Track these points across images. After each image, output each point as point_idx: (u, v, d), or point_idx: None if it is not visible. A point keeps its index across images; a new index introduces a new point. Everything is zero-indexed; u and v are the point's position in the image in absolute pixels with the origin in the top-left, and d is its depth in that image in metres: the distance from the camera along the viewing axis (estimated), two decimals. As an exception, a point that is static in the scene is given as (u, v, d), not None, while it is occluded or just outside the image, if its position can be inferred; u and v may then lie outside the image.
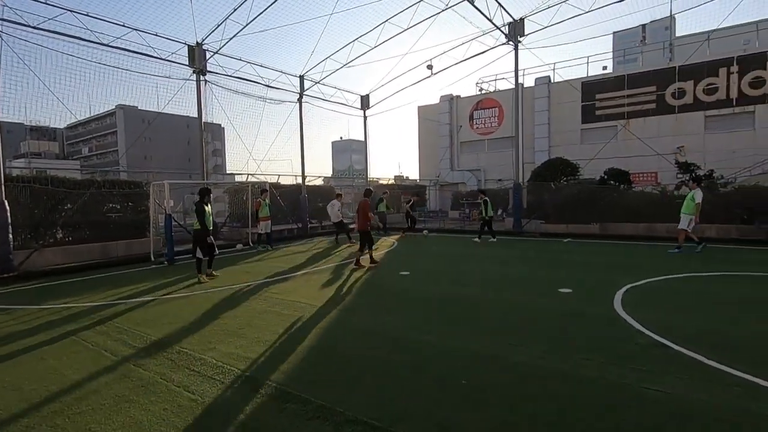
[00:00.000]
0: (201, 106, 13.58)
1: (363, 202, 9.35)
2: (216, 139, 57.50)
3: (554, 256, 10.37)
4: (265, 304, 6.34)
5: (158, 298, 6.97)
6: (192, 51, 13.26)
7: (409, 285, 7.50)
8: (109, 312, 6.09)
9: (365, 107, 20.76)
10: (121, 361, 4.21)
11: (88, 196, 11.05)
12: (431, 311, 5.78)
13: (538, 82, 27.29)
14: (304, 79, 17.59)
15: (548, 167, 16.61)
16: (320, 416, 3.02)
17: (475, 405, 3.15)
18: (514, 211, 16.18)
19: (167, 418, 3.06)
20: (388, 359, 4.08)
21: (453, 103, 30.85)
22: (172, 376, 3.80)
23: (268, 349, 4.42)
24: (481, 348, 4.29)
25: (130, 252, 11.66)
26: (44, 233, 10.55)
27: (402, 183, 31.51)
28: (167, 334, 4.99)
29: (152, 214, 11.89)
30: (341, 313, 5.79)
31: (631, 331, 4.67)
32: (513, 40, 15.51)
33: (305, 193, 17.70)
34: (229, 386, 3.55)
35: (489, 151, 29.61)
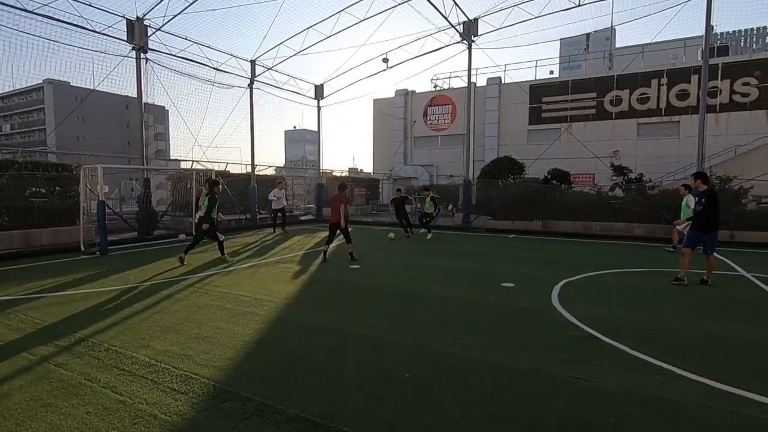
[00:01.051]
0: (141, 85, 12.66)
1: (339, 195, 9.08)
2: (159, 122, 54.18)
3: (499, 252, 10.77)
4: (207, 297, 6.07)
5: (87, 291, 6.46)
6: (131, 25, 12.30)
7: (357, 279, 7.48)
8: (29, 306, 5.56)
9: (319, 97, 20.36)
10: (39, 360, 3.85)
11: (7, 179, 9.99)
12: (376, 305, 5.80)
13: (489, 82, 28.12)
14: (256, 64, 16.94)
15: (496, 165, 17.20)
16: (260, 415, 2.93)
17: (417, 399, 3.19)
18: (463, 207, 16.63)
19: (90, 423, 2.84)
20: (331, 355, 4.04)
21: (408, 97, 31.07)
22: (98, 376, 3.53)
23: (207, 345, 4.23)
24: (424, 342, 4.35)
25: (57, 241, 10.71)
26: None
27: (356, 176, 31.36)
28: (95, 330, 4.64)
29: (83, 201, 10.98)
30: (286, 307, 5.66)
31: (565, 324, 4.94)
32: (467, 39, 15.82)
33: (254, 183, 17.12)
34: (162, 386, 3.35)
35: (441, 147, 30.17)
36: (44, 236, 10.64)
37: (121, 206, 17.14)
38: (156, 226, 13.27)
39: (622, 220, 13.67)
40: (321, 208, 19.62)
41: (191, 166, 15.98)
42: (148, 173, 14.13)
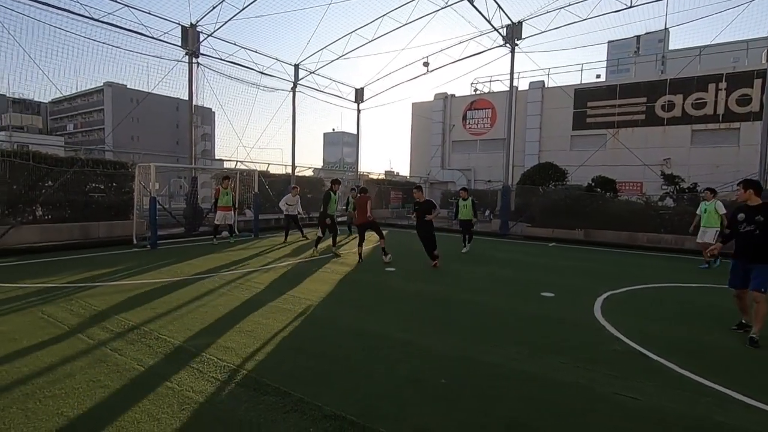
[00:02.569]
0: (192, 89, 13.32)
1: (363, 197, 9.84)
2: (206, 123, 56.63)
3: (538, 260, 10.49)
4: (248, 293, 6.29)
5: (139, 282, 6.86)
6: (185, 32, 12.98)
7: (393, 282, 7.52)
8: (87, 294, 5.98)
9: (359, 100, 20.64)
10: (97, 345, 4.14)
11: (71, 175, 10.79)
12: (411, 309, 5.81)
13: (532, 86, 27.47)
14: (299, 68, 17.40)
15: (537, 171, 16.77)
16: (298, 410, 3.01)
17: (450, 406, 3.18)
18: (501, 213, 16.32)
19: (142, 405, 3.02)
20: (366, 356, 4.09)
21: (447, 101, 30.88)
22: (150, 362, 3.75)
23: (248, 339, 4.39)
24: (459, 349, 4.32)
25: (111, 234, 11.44)
26: (23, 210, 10.28)
27: (393, 179, 31.48)
28: (146, 319, 4.92)
29: (137, 197, 11.67)
30: (324, 307, 5.78)
31: (608, 338, 4.76)
32: (510, 42, 15.55)
33: (295, 184, 17.54)
34: (207, 375, 3.52)
35: (480, 152, 29.76)
36: (101, 229, 11.39)
37: (170, 203, 18.05)
38: (201, 223, 13.88)
39: (671, 232, 12.97)
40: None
41: (235, 166, 16.61)
42: (196, 172, 14.80)
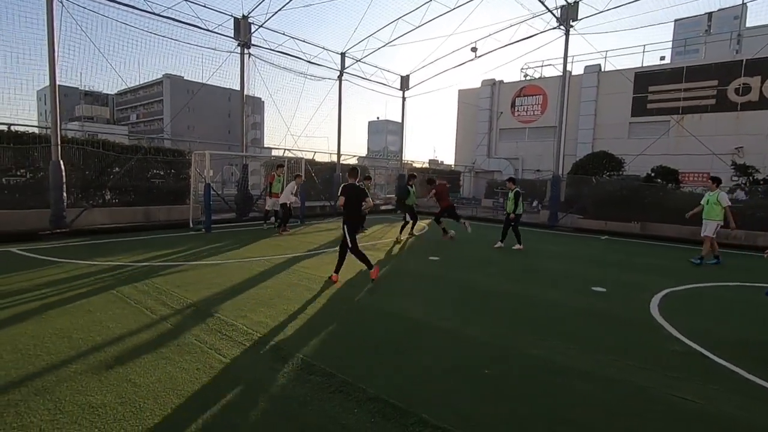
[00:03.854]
0: (244, 79, 13.78)
1: (441, 185, 11.48)
2: (256, 112, 58.53)
3: (589, 253, 10.04)
4: (295, 277, 6.51)
5: (195, 263, 7.29)
6: (237, 23, 13.41)
7: (437, 271, 7.48)
8: (150, 272, 6.43)
9: (404, 88, 20.48)
10: (159, 319, 4.45)
11: (135, 161, 11.57)
12: (455, 298, 5.76)
13: (587, 71, 26.02)
14: (345, 57, 17.50)
15: (591, 160, 15.96)
16: (343, 391, 3.10)
17: (493, 396, 3.14)
18: (550, 204, 15.72)
19: (199, 378, 3.23)
20: (410, 343, 4.12)
21: (495, 88, 29.95)
22: (206, 338, 3.99)
23: (295, 321, 4.56)
24: (502, 340, 4.25)
25: (170, 217, 12.19)
26: (94, 194, 11.18)
27: (437, 168, 31.14)
28: (202, 298, 5.23)
29: (193, 183, 12.33)
30: (368, 293, 5.87)
31: (666, 337, 4.49)
32: (565, 24, 14.75)
33: (339, 172, 17.82)
34: (257, 353, 3.70)
35: (529, 140, 28.71)
36: (161, 213, 12.17)
37: (222, 189, 18.93)
38: (251, 209, 14.47)
39: (741, 227, 11.93)
40: (402, 198, 19.82)
41: (283, 153, 17.10)
42: (246, 160, 15.38)
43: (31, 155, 10.01)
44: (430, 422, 2.74)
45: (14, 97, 17.21)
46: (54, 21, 9.42)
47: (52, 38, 9.42)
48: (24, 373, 3.20)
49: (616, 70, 22.15)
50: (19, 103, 22.13)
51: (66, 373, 3.23)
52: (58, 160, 9.69)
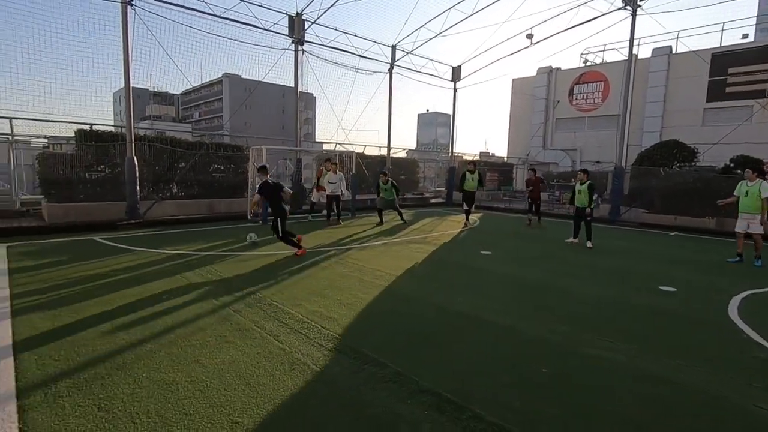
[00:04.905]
0: (298, 75, 14.16)
1: (538, 179, 12.95)
2: (308, 108, 60.06)
3: (656, 250, 9.37)
4: (346, 269, 6.64)
5: (253, 253, 7.64)
6: (292, 21, 13.78)
7: (490, 265, 7.32)
8: (213, 261, 6.83)
9: (456, 79, 20.09)
10: (222, 305, 4.72)
11: (199, 157, 12.29)
12: (508, 294, 5.61)
13: (655, 53, 24.13)
14: (396, 49, 17.44)
15: (659, 150, 14.82)
16: (397, 381, 3.13)
17: (552, 395, 3.03)
18: (612, 197, 14.81)
19: (259, 362, 3.40)
20: (463, 337, 4.07)
21: (551, 76, 28.60)
22: (265, 324, 4.18)
23: (349, 311, 4.65)
24: (561, 338, 4.08)
25: (230, 209, 12.85)
26: (163, 188, 12.03)
27: (488, 160, 30.36)
28: (260, 287, 5.48)
29: (250, 176, 12.90)
30: (419, 285, 5.86)
31: (747, 342, 4.10)
32: (631, 4, 13.74)
33: (390, 165, 17.88)
34: (313, 341, 3.82)
35: (588, 130, 27.21)
36: (221, 205, 12.86)
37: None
38: (305, 202, 14.90)
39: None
40: (451, 191, 19.57)
41: (334, 147, 17.43)
42: (300, 154, 15.83)
43: (110, 152, 10.94)
44: (485, 418, 2.70)
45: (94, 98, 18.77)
46: (128, 27, 10.19)
47: (126, 43, 10.19)
48: (107, 349, 3.52)
49: (689, 52, 20.34)
50: (97, 104, 24.14)
51: (143, 350, 3.52)
52: (132, 157, 10.52)
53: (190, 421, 2.59)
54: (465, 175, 12.20)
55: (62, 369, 3.17)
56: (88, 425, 2.51)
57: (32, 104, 10.53)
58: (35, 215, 10.84)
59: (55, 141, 12.23)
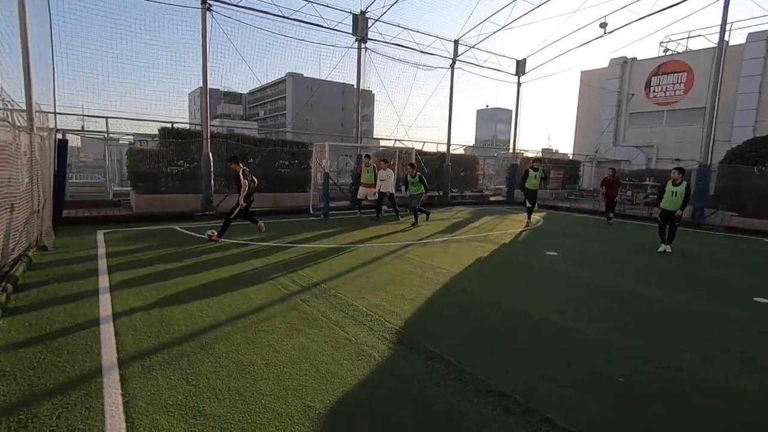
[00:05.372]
0: (360, 73, 14.39)
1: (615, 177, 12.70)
2: (367, 105, 60.82)
3: (748, 258, 8.45)
4: (407, 265, 6.66)
5: (317, 245, 7.91)
6: (356, 19, 14.01)
7: (556, 266, 7.00)
8: (280, 252, 7.16)
9: (520, 73, 19.37)
10: (290, 295, 4.94)
11: (267, 153, 12.92)
12: (579, 297, 5.33)
13: (751, 39, 21.64)
14: (459, 44, 17.15)
15: (752, 147, 13.31)
16: (462, 379, 3.10)
17: (630, 407, 2.85)
18: (696, 199, 13.56)
19: (327, 350, 3.52)
20: (530, 339, 3.94)
21: (626, 67, 26.66)
22: (330, 315, 4.32)
23: (411, 306, 4.68)
24: (637, 348, 3.81)
25: (293, 204, 13.38)
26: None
27: (551, 157, 29.00)
28: (325, 278, 5.66)
29: (313, 172, 13.34)
30: (482, 284, 5.75)
31: None
32: (724, -16, 12.41)
33: (449, 162, 17.67)
34: (377, 333, 3.89)
35: (667, 125, 25.07)
36: (286, 199, 13.43)
37: (337, 178, 20.16)
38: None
39: None
40: (513, 189, 18.96)
41: (393, 144, 17.53)
42: (360, 150, 16.10)
43: (188, 148, 11.81)
44: (556, 423, 2.60)
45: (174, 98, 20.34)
46: (207, 32, 10.91)
47: (205, 46, 10.93)
48: (191, 330, 3.83)
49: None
50: (176, 103, 26.06)
51: (222, 332, 3.78)
52: (207, 152, 11.29)
53: (267, 401, 2.75)
54: (528, 173, 11.68)
55: (154, 344, 3.50)
56: (178, 397, 2.75)
57: (121, 104, 11.64)
58: (125, 205, 12.00)
59: (141, 138, 13.45)
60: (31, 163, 6.52)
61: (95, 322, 3.91)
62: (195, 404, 2.68)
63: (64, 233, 8.11)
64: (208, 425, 2.48)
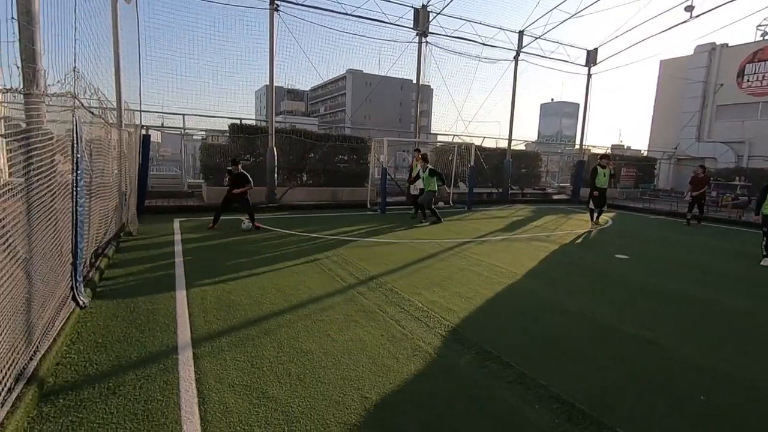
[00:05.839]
0: (420, 68, 14.29)
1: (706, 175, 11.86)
2: (424, 100, 60.39)
3: None
4: (465, 262, 6.54)
5: (373, 240, 8.00)
6: (417, 13, 13.90)
7: (627, 272, 6.52)
8: (338, 245, 7.33)
9: (590, 63, 18.21)
10: (347, 287, 5.04)
11: (327, 148, 13.26)
12: (652, 305, 4.92)
13: None
14: (524, 35, 16.45)
15: None
16: (522, 383, 2.99)
17: (716, 429, 2.58)
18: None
19: (383, 343, 3.54)
20: (597, 346, 3.70)
21: (714, 54, 24.11)
22: (387, 309, 4.35)
23: (468, 304, 4.58)
24: (721, 363, 3.44)
25: (351, 198, 13.63)
26: (295, 176, 13.27)
27: (623, 153, 27.02)
28: (382, 272, 5.71)
29: (372, 167, 13.49)
30: (544, 285, 5.50)
31: None
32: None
33: (510, 158, 17.08)
34: (434, 330, 3.85)
35: (762, 118, 22.38)
36: (344, 193, 13.71)
37: (395, 173, 20.23)
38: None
39: None
40: (578, 187, 17.95)
41: (452, 139, 17.24)
42: (418, 145, 16.02)
43: (254, 143, 12.43)
44: (627, 439, 2.42)
45: (241, 96, 21.52)
46: (274, 32, 11.37)
47: (272, 45, 11.40)
48: (256, 315, 4.03)
49: None
50: (243, 101, 27.64)
51: (283, 320, 3.95)
52: (272, 147, 11.80)
53: (325, 388, 2.82)
54: (596, 170, 10.82)
55: (222, 327, 3.73)
56: (244, 378, 2.91)
57: (196, 102, 12.50)
58: (197, 196, 12.89)
59: (213, 134, 14.36)
60: (120, 156, 7.19)
61: (172, 303, 4.24)
62: (259, 386, 2.81)
63: (146, 220, 8.88)
64: (270, 407, 2.60)
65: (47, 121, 3.12)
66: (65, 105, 3.62)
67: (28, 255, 2.80)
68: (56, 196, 3.36)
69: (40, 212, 2.99)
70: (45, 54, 3.02)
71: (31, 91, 2.91)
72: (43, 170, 3.01)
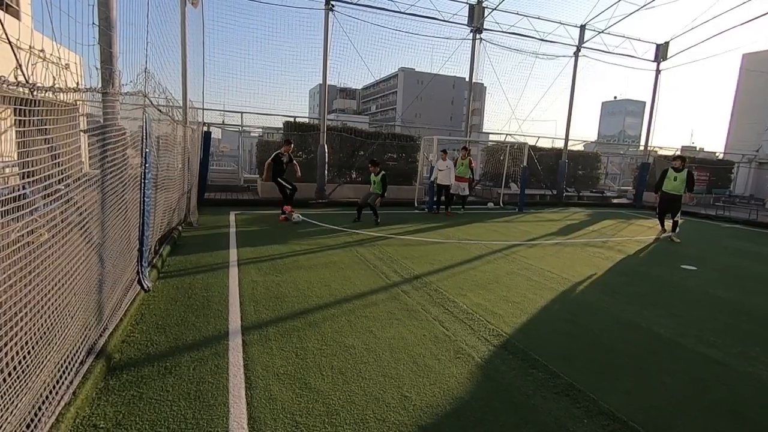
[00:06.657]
0: (473, 65, 14.01)
1: None
2: (477, 98, 59.12)
3: None
4: (513, 265, 6.34)
5: (419, 238, 7.96)
6: (472, 10, 13.63)
7: (694, 283, 6.02)
8: (384, 243, 7.37)
9: (660, 59, 16.95)
10: (391, 285, 5.06)
11: (376, 146, 13.36)
12: (723, 322, 4.50)
13: None
14: (586, 29, 15.63)
15: None
16: (570, 395, 2.85)
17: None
18: None
19: (425, 343, 3.52)
20: (657, 363, 3.45)
21: (808, 46, 21.59)
22: (430, 309, 4.31)
23: (514, 309, 4.44)
24: (812, 393, 3.08)
25: (398, 196, 13.63)
26: (344, 173, 13.50)
27: (695, 156, 24.93)
28: (427, 272, 5.67)
29: (420, 165, 13.43)
30: (598, 294, 5.21)
31: None
32: None
33: (566, 158, 16.33)
34: (478, 333, 3.77)
35: None
36: (392, 191, 13.71)
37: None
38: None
39: None
40: (641, 191, 16.83)
41: (504, 139, 16.76)
42: (469, 144, 15.74)
43: (307, 140, 12.78)
44: (687, 465, 2.24)
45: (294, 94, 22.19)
46: (329, 31, 11.61)
47: (326, 44, 11.65)
48: (302, 307, 4.15)
49: None
50: (296, 99, 28.52)
51: (328, 313, 4.03)
52: (324, 144, 12.08)
53: (366, 384, 2.85)
54: (666, 173, 9.49)
55: (271, 317, 3.87)
56: (289, 367, 3.00)
57: (253, 100, 13.07)
58: (253, 190, 13.48)
59: (269, 131, 14.94)
60: (184, 152, 7.67)
61: (225, 291, 4.46)
62: (302, 377, 2.89)
63: (205, 212, 9.42)
64: (312, 398, 2.66)
65: (120, 118, 3.39)
66: (136, 103, 3.91)
67: (101, 240, 3.06)
68: (127, 187, 3.64)
69: (112, 202, 3.26)
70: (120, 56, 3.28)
71: (107, 90, 3.17)
72: (116, 163, 3.27)
